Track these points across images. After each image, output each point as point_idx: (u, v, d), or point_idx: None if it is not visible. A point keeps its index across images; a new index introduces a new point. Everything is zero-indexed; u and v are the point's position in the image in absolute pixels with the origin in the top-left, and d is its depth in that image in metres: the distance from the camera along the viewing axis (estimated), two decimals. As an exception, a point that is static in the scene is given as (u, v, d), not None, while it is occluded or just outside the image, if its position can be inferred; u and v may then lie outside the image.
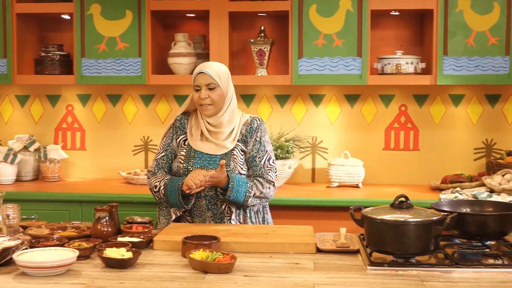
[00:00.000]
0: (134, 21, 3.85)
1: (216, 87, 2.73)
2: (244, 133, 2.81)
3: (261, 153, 2.79)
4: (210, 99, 2.73)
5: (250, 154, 2.79)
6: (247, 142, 2.80)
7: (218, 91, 2.74)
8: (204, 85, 2.73)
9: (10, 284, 1.90)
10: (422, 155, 4.05)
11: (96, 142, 4.28)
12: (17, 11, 3.94)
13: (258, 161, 2.79)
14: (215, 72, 2.74)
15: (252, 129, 2.80)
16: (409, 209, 2.16)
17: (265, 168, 2.79)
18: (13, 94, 4.32)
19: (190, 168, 2.74)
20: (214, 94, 2.73)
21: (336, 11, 3.72)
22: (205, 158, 2.76)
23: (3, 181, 3.97)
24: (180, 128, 2.86)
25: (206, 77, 2.73)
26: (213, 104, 2.73)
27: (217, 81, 2.73)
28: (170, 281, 1.93)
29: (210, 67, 2.76)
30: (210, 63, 2.81)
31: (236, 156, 2.76)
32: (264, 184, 2.76)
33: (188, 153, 2.78)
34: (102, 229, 2.37)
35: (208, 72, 2.73)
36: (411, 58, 3.76)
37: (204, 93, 2.73)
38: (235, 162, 2.75)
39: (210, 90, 2.73)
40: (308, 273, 2.03)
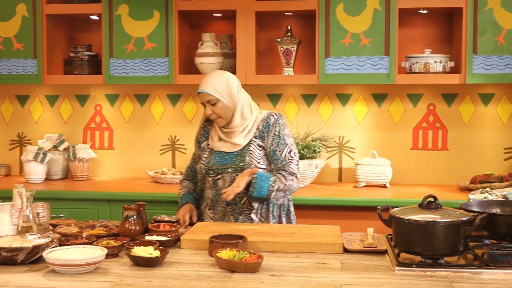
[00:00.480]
0: (162, 21, 3.88)
1: (217, 101, 2.82)
2: (261, 129, 2.86)
3: (281, 146, 2.83)
4: (215, 114, 2.83)
5: (270, 149, 2.84)
6: (265, 138, 2.85)
7: (219, 104, 2.82)
8: (206, 102, 2.84)
9: (40, 282, 1.92)
10: (451, 155, 4.00)
11: (124, 141, 4.32)
12: (47, 12, 3.99)
13: (279, 155, 2.82)
14: (211, 88, 2.82)
15: (269, 124, 2.86)
16: (438, 209, 2.14)
17: (286, 160, 2.82)
18: (43, 94, 4.38)
19: (211, 166, 2.84)
20: (217, 108, 2.82)
21: (363, 9, 3.69)
22: (222, 156, 2.85)
23: (33, 179, 4.03)
24: (204, 135, 2.99)
25: (204, 95, 2.83)
26: (220, 116, 2.84)
27: (215, 96, 2.81)
28: (197, 279, 1.94)
29: (206, 84, 2.83)
30: (208, 78, 2.87)
31: (252, 151, 2.82)
32: (287, 177, 2.78)
33: (209, 154, 2.90)
34: (130, 227, 2.39)
35: (204, 90, 2.82)
36: (440, 57, 3.72)
37: (208, 110, 2.84)
38: (250, 157, 2.81)
39: (212, 106, 2.82)
40: (335, 273, 2.02)
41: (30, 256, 2.09)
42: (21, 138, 4.42)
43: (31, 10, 3.99)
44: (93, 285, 1.88)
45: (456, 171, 3.97)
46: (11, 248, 2.07)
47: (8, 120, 4.43)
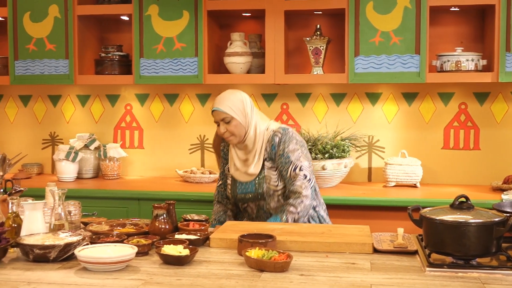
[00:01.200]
0: (191, 21, 3.89)
1: (231, 119, 2.83)
2: (269, 151, 2.84)
3: (285, 165, 2.80)
4: (229, 132, 2.84)
5: (278, 169, 2.83)
6: (274, 159, 2.84)
7: (234, 122, 2.82)
8: (220, 120, 2.85)
9: (71, 279, 1.95)
10: (483, 155, 3.94)
11: (154, 140, 4.35)
12: (78, 13, 4.05)
13: (285, 174, 2.80)
14: (226, 106, 2.83)
15: (274, 146, 2.83)
16: (470, 209, 2.10)
17: (291, 179, 2.79)
18: (75, 94, 4.44)
19: (236, 196, 2.91)
20: (231, 127, 2.83)
21: (393, 8, 3.66)
22: (244, 186, 2.88)
23: (65, 178, 4.09)
24: (224, 157, 3.03)
25: (219, 113, 2.84)
26: (233, 135, 2.85)
27: (230, 114, 2.82)
28: (226, 278, 1.95)
29: (221, 102, 2.85)
30: (222, 97, 2.88)
31: (268, 177, 2.83)
32: (296, 203, 2.75)
33: (232, 182, 2.94)
34: (160, 226, 2.40)
35: (219, 108, 2.84)
36: (472, 55, 3.66)
37: (222, 128, 2.85)
38: (267, 183, 2.82)
39: (226, 124, 2.83)
40: (365, 274, 2.00)
41: (62, 253, 2.11)
42: (53, 138, 4.49)
43: (63, 11, 4.05)
44: (123, 283, 1.90)
45: (489, 171, 3.91)
46: (44, 246, 2.10)
47: (40, 119, 4.50)
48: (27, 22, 4.11)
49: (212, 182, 4.01)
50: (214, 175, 4.02)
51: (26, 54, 4.12)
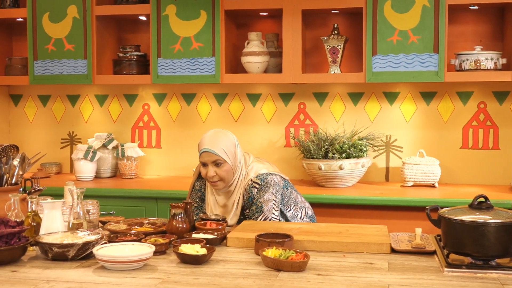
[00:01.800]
0: (209, 21, 3.90)
1: (223, 163, 2.68)
2: (246, 201, 2.76)
3: (256, 214, 2.72)
4: (218, 176, 2.70)
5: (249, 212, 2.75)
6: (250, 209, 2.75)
7: (226, 167, 2.69)
8: (211, 162, 2.69)
9: (90, 277, 1.96)
10: (502, 154, 3.90)
11: (171, 140, 4.37)
12: (96, 14, 4.07)
13: (255, 219, 2.72)
14: (219, 148, 2.68)
15: (252, 198, 2.74)
16: (489, 209, 2.08)
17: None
18: (93, 93, 4.47)
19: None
20: (222, 171, 2.69)
21: (411, 6, 3.63)
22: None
23: (83, 177, 4.12)
24: (202, 198, 2.88)
25: (211, 155, 2.68)
26: (222, 180, 2.71)
27: (223, 157, 2.68)
28: (243, 278, 1.95)
29: (214, 143, 2.69)
30: (214, 138, 2.73)
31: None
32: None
33: None
34: (177, 225, 2.41)
35: (212, 150, 2.67)
36: (491, 54, 3.63)
37: (211, 171, 2.69)
38: None
39: (217, 166, 2.68)
40: (382, 274, 1.99)
41: (81, 252, 2.13)
42: (72, 137, 4.53)
43: (81, 12, 4.08)
44: (141, 282, 1.91)
45: (508, 171, 3.87)
46: (62, 244, 2.12)
47: (59, 119, 4.54)
48: (46, 22, 4.14)
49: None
50: (231, 175, 4.02)
51: (45, 54, 4.15)
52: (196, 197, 2.91)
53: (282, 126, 4.17)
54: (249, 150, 4.18)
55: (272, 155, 4.15)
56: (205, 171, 2.72)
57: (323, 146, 3.75)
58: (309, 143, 3.81)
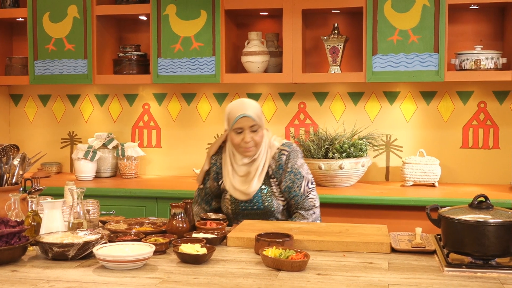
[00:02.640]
0: (209, 20, 3.90)
1: (258, 128, 2.73)
2: (274, 169, 2.78)
3: (297, 181, 2.77)
4: (254, 141, 2.73)
5: (285, 186, 2.78)
6: (278, 176, 2.78)
7: (260, 132, 2.74)
8: (248, 128, 2.72)
9: (90, 277, 1.96)
10: (502, 154, 3.90)
11: (171, 140, 4.37)
12: (97, 13, 4.07)
13: (298, 190, 2.77)
14: (256, 114, 2.73)
15: (282, 165, 2.78)
16: (489, 209, 2.08)
17: (305, 194, 2.78)
18: (93, 93, 4.47)
19: (238, 213, 2.82)
20: (258, 136, 2.73)
21: (412, 6, 3.63)
22: (249, 203, 2.79)
23: (84, 177, 4.12)
24: (219, 172, 2.88)
25: (249, 120, 2.71)
26: (256, 145, 2.74)
27: (259, 123, 2.73)
28: (243, 277, 1.95)
29: (249, 109, 2.73)
30: (248, 104, 2.77)
31: (274, 193, 2.79)
32: (309, 213, 2.77)
33: (232, 198, 2.83)
34: (177, 225, 2.41)
35: (251, 115, 2.71)
36: (491, 53, 3.63)
37: (249, 137, 2.71)
38: (275, 198, 2.78)
39: (253, 132, 2.72)
40: (382, 273, 1.99)
41: (81, 252, 2.13)
42: (72, 137, 4.53)
43: (82, 11, 4.08)
44: (141, 281, 1.91)
45: (508, 170, 3.87)
46: (63, 244, 2.12)
47: (59, 119, 4.54)
48: (47, 22, 4.14)
49: (229, 181, 4.02)
50: (232, 174, 4.02)
51: (46, 54, 4.16)
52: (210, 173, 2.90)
53: (282, 126, 4.17)
54: (249, 150, 4.18)
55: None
56: (240, 137, 2.72)
57: (323, 145, 3.75)
58: (309, 142, 3.81)
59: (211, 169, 2.91)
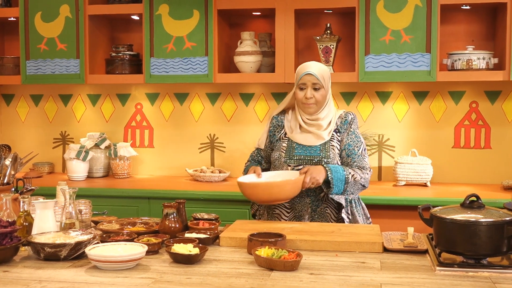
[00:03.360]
0: (201, 20, 3.90)
1: (321, 88, 2.84)
2: (339, 125, 2.89)
3: (358, 143, 2.88)
4: (315, 98, 2.83)
5: (346, 144, 2.87)
6: (341, 133, 2.88)
7: (321, 91, 2.84)
8: (311, 84, 2.83)
9: (82, 277, 1.96)
10: (494, 154, 3.92)
11: (164, 140, 4.36)
12: (89, 13, 4.06)
13: (357, 150, 2.86)
14: (320, 74, 2.84)
15: (347, 122, 2.89)
16: (481, 209, 2.09)
17: (361, 156, 2.87)
18: (85, 93, 4.46)
19: (291, 157, 2.86)
20: (318, 94, 2.84)
21: (404, 6, 3.65)
22: (305, 148, 2.86)
23: (76, 177, 4.11)
24: (278, 125, 2.98)
25: (313, 77, 2.83)
26: (316, 103, 2.85)
27: (322, 83, 2.83)
28: (236, 277, 1.95)
29: (316, 68, 2.85)
30: (314, 64, 2.89)
31: (334, 147, 2.85)
32: (364, 170, 2.85)
33: (289, 144, 2.89)
34: (170, 225, 2.41)
35: (315, 73, 2.83)
36: (483, 53, 3.64)
37: (310, 93, 2.83)
38: (334, 153, 2.84)
39: (315, 90, 2.84)
40: (375, 273, 2.00)
41: (73, 252, 2.13)
42: (64, 137, 4.51)
43: (74, 11, 4.07)
44: (134, 281, 1.91)
45: (500, 170, 3.89)
46: (55, 244, 2.11)
47: (51, 119, 4.52)
48: (39, 22, 4.13)
49: (221, 181, 4.02)
50: (224, 174, 4.03)
51: (38, 53, 4.14)
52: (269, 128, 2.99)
53: (275, 126, 4.17)
54: (242, 150, 4.18)
55: (265, 154, 4.15)
56: (303, 93, 2.85)
57: (316, 145, 3.76)
58: (302, 142, 3.81)
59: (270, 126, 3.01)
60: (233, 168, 4.20)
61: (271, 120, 3.01)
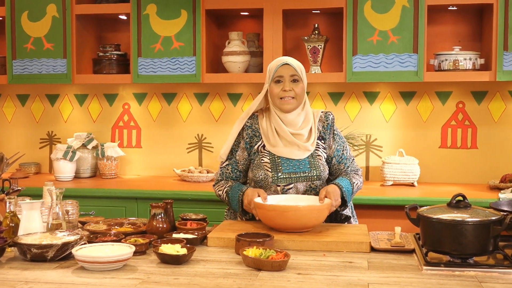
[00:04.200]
0: (189, 20, 3.89)
1: (299, 80, 2.64)
2: (322, 130, 2.71)
3: (344, 145, 2.75)
4: (294, 92, 2.63)
5: (334, 149, 2.71)
6: (326, 140, 2.71)
7: (301, 84, 2.65)
8: (289, 76, 2.63)
9: (69, 278, 1.95)
10: (480, 153, 3.95)
11: (152, 140, 4.35)
12: (76, 12, 4.04)
13: (346, 154, 2.74)
14: (297, 65, 2.66)
15: (329, 125, 2.72)
16: (467, 208, 2.11)
17: (351, 158, 2.76)
18: (72, 93, 4.44)
19: (280, 175, 2.62)
20: (298, 88, 2.63)
21: (391, 7, 3.66)
22: (293, 164, 2.64)
23: (63, 177, 4.08)
24: (253, 135, 2.71)
25: (291, 68, 2.63)
26: (295, 97, 2.63)
27: (300, 75, 2.65)
28: (224, 277, 1.95)
29: (292, 60, 2.67)
30: (290, 58, 2.70)
31: (320, 156, 2.68)
32: (358, 174, 2.75)
33: (272, 160, 2.65)
34: (157, 225, 2.40)
35: (292, 64, 2.64)
36: (470, 54, 3.67)
37: (289, 85, 2.62)
38: (322, 163, 2.66)
39: (293, 83, 2.63)
40: (362, 272, 2.00)
41: (60, 253, 2.11)
42: (51, 137, 4.49)
43: (61, 11, 4.04)
44: (121, 282, 1.90)
45: (486, 170, 3.92)
46: (41, 245, 2.10)
47: (38, 119, 4.50)
48: (25, 21, 4.10)
49: (209, 182, 4.01)
50: (211, 174, 4.02)
51: (24, 53, 4.12)
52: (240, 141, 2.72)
53: (263, 126, 4.17)
54: (230, 150, 4.18)
55: (253, 154, 4.15)
56: (279, 87, 2.62)
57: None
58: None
59: (242, 134, 2.72)
60: (221, 168, 4.20)
61: (245, 130, 2.70)
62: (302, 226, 2.40)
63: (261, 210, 2.43)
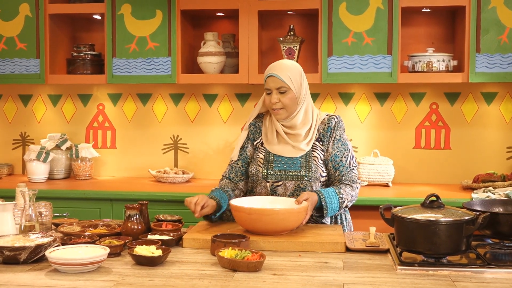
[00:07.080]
0: (164, 20, 3.88)
1: (288, 90, 2.61)
2: (322, 132, 2.68)
3: (345, 152, 2.67)
4: (281, 103, 2.61)
5: (332, 154, 2.67)
6: (324, 141, 2.68)
7: (289, 94, 2.61)
8: (275, 89, 2.62)
9: (42, 280, 1.93)
10: (453, 154, 4.00)
11: (127, 141, 4.32)
12: (50, 12, 4.00)
13: (344, 161, 2.67)
14: (286, 75, 2.61)
15: (330, 128, 2.67)
16: (440, 208, 2.13)
17: (350, 167, 2.68)
18: (46, 93, 4.39)
19: (270, 171, 2.65)
20: (285, 98, 2.61)
21: (366, 8, 3.69)
22: (284, 161, 2.65)
23: (36, 179, 4.04)
24: (255, 132, 2.77)
25: (277, 80, 2.61)
26: (284, 108, 2.62)
27: (288, 85, 2.61)
28: (199, 278, 1.94)
29: (281, 69, 2.64)
30: (282, 64, 2.69)
31: (316, 157, 2.65)
32: (353, 186, 2.67)
33: (266, 156, 2.69)
34: (132, 227, 2.39)
35: (278, 75, 2.61)
36: (443, 56, 3.71)
37: (275, 97, 2.61)
38: (316, 164, 2.64)
39: (281, 94, 2.61)
40: (337, 272, 2.02)
41: (33, 255, 2.09)
42: (24, 138, 4.43)
43: (34, 10, 4.00)
44: (95, 284, 1.88)
45: (459, 170, 3.97)
46: (14, 247, 2.07)
47: (11, 119, 4.44)
48: (-3, 20, 4.05)
49: (185, 183, 4.00)
50: (187, 175, 4.01)
51: (-4, 53, 4.06)
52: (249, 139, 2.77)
53: (239, 127, 4.17)
54: (206, 150, 4.17)
55: (229, 155, 4.14)
56: (268, 98, 2.64)
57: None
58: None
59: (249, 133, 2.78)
60: (197, 169, 4.19)
61: (250, 127, 2.79)
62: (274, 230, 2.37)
63: (237, 212, 2.42)
